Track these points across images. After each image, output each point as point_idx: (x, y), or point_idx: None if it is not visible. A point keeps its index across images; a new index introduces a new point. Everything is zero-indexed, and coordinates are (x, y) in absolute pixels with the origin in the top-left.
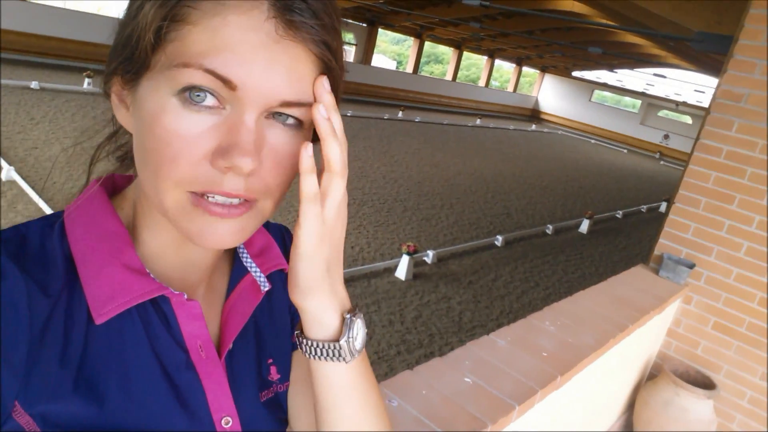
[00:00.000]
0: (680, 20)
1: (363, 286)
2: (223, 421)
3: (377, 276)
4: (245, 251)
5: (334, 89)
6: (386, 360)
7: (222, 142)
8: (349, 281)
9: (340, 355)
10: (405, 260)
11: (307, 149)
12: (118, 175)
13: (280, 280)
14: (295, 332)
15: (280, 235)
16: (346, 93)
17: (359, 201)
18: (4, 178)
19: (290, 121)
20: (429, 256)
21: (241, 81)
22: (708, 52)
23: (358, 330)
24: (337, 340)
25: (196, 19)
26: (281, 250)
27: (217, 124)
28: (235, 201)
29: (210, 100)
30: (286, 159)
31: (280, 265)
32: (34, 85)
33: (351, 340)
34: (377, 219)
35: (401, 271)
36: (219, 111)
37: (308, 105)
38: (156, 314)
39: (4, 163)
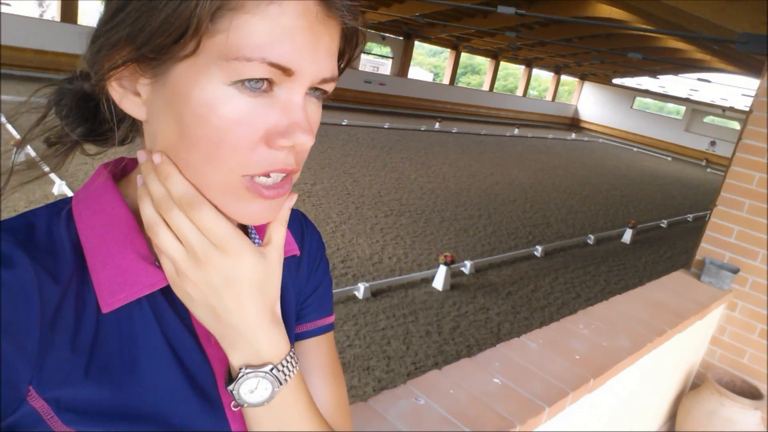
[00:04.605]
0: (724, 23)
1: (400, 296)
2: (232, 404)
3: (414, 286)
4: (257, 237)
5: (358, 45)
6: (423, 371)
7: (279, 122)
8: (386, 291)
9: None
10: (442, 270)
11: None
12: (129, 158)
13: (290, 267)
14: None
15: (298, 221)
16: (383, 105)
17: (397, 212)
18: (56, 192)
19: (319, 93)
20: (466, 266)
21: (298, 67)
22: (753, 54)
23: None
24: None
25: (252, 8)
26: (298, 236)
27: (270, 105)
28: (279, 177)
29: (265, 85)
30: (317, 128)
31: (293, 251)
32: None
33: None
34: (414, 230)
35: (438, 282)
36: (270, 93)
37: (337, 79)
38: (164, 299)
39: (56, 178)
